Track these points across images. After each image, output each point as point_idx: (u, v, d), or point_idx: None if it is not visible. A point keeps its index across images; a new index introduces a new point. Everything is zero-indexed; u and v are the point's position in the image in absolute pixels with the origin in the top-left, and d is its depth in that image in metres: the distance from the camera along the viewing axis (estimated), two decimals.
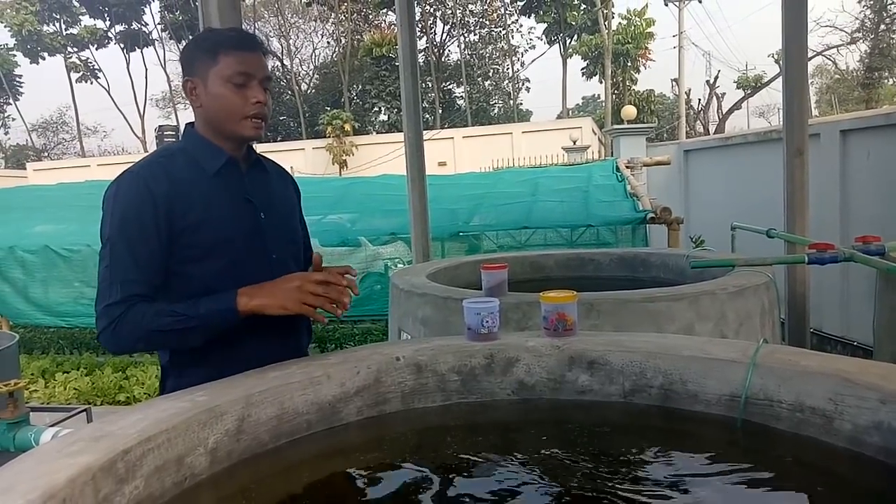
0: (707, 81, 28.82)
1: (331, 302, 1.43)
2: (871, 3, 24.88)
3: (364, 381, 1.45)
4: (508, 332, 1.72)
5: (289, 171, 1.84)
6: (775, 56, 25.23)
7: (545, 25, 29.14)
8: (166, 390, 1.49)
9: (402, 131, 5.05)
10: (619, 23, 27.10)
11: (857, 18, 25.60)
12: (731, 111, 28.62)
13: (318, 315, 1.46)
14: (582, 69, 28.76)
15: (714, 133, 24.55)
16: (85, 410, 3.45)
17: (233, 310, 1.40)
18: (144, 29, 32.84)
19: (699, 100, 30.12)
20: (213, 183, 1.52)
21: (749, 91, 28.98)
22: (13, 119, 36.13)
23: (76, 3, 31.54)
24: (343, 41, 31.18)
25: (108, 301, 1.40)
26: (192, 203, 1.47)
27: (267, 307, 1.42)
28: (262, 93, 1.51)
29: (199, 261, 1.48)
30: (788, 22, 4.01)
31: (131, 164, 1.52)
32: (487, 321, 1.57)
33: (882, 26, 25.17)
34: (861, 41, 25.98)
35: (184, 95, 1.58)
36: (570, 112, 32.91)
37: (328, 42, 34.38)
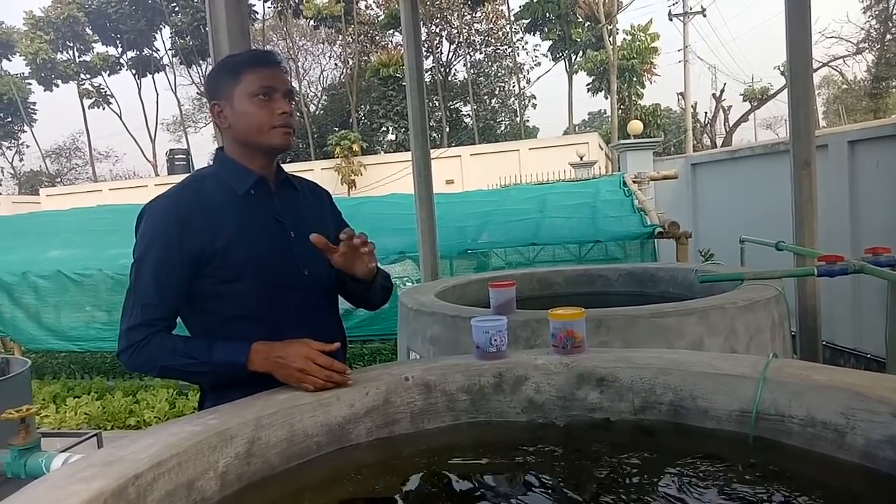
0: (713, 94, 28.80)
1: (329, 383, 1.43)
2: (877, 13, 24.89)
3: (373, 402, 1.46)
4: (517, 350, 1.72)
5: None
6: (781, 68, 25.23)
7: (550, 43, 29.26)
8: (205, 409, 1.53)
9: (409, 150, 5.08)
10: (624, 38, 27.25)
11: (862, 29, 25.62)
12: (737, 124, 28.56)
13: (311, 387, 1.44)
14: (587, 85, 28.85)
15: (721, 146, 24.50)
16: (95, 435, 3.45)
17: (243, 365, 1.45)
18: (155, 55, 33.35)
19: (705, 113, 30.11)
20: (243, 204, 1.56)
21: (756, 103, 28.93)
22: (27, 146, 36.72)
23: (89, 31, 32.08)
24: (350, 62, 31.46)
25: (129, 324, 1.47)
26: (223, 225, 1.51)
27: (273, 373, 1.45)
28: (286, 104, 1.55)
29: (233, 281, 1.51)
30: (793, 34, 4.02)
31: (167, 189, 1.57)
32: (496, 339, 1.57)
33: (888, 36, 25.14)
34: (867, 51, 25.96)
35: (212, 121, 1.62)
36: (577, 128, 32.99)
37: (336, 64, 34.73)
